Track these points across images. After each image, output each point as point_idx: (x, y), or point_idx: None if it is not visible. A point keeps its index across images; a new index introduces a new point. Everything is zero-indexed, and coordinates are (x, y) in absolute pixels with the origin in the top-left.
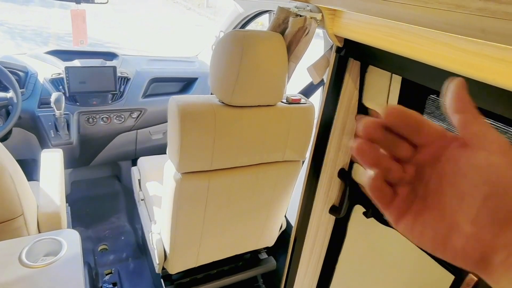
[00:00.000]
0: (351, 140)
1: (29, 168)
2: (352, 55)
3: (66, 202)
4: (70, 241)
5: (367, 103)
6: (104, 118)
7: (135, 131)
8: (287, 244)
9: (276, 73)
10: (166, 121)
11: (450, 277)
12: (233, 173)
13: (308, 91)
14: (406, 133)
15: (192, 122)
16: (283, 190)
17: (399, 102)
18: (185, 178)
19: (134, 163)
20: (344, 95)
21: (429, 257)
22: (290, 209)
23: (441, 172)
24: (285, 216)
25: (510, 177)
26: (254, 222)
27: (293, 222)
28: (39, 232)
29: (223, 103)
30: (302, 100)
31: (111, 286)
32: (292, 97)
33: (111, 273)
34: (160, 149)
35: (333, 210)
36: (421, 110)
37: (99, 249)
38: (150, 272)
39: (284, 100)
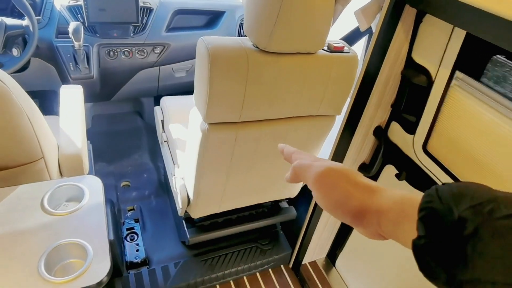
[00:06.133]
0: None
1: (49, 100)
2: (409, 1)
3: (88, 139)
4: (93, 189)
5: (417, 58)
6: (125, 52)
7: (158, 67)
8: (309, 196)
9: (320, 16)
10: (190, 58)
11: None
12: (262, 126)
13: (351, 38)
14: None
15: (222, 68)
16: (313, 145)
17: (457, 61)
18: (212, 129)
19: (156, 100)
20: (393, 47)
21: None
22: None
23: None
24: None
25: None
26: (279, 174)
27: None
28: (61, 174)
29: (257, 47)
30: (346, 48)
31: (133, 222)
32: (335, 44)
33: (133, 209)
34: (183, 87)
35: (363, 168)
36: (479, 73)
37: (121, 185)
38: (172, 211)
39: (325, 47)
